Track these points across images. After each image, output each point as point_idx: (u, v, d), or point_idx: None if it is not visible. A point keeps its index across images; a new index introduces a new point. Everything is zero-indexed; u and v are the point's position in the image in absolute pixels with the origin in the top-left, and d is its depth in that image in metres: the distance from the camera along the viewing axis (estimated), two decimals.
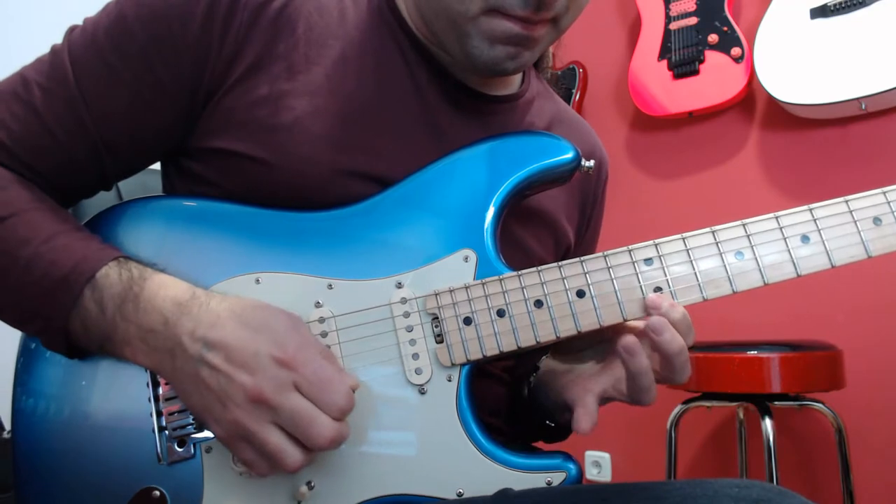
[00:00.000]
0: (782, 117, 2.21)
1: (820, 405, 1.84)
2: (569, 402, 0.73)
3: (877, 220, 0.70)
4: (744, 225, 0.70)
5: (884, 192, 0.70)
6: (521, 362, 0.89)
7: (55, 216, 0.71)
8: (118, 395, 0.71)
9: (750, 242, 0.70)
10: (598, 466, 2.57)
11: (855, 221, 0.70)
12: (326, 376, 0.63)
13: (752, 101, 2.29)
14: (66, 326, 0.67)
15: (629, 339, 0.67)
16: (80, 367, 0.72)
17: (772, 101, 2.11)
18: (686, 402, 1.92)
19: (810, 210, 0.70)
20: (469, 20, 0.71)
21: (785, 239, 0.70)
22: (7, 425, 0.74)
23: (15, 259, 0.67)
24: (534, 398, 0.83)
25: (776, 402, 1.79)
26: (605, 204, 1.01)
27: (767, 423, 1.72)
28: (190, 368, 0.63)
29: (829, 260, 0.69)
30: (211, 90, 0.73)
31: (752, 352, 1.70)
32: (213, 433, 0.64)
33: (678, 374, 0.69)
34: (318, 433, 0.61)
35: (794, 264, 0.69)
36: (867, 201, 0.70)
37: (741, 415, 2.17)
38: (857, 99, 1.93)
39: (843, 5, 1.97)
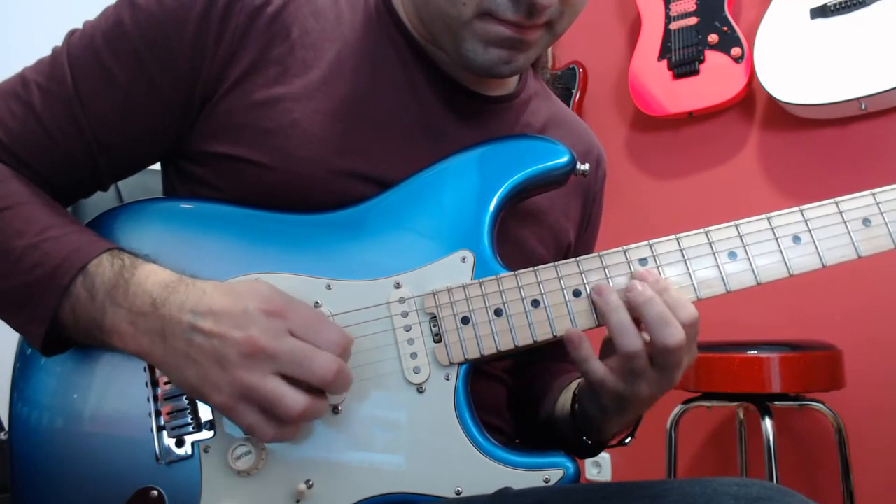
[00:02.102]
0: (782, 117, 2.21)
1: (820, 405, 1.85)
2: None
3: (866, 221, 0.71)
4: (736, 226, 0.71)
5: (873, 194, 0.71)
6: (539, 377, 0.89)
7: (51, 210, 0.71)
8: (117, 395, 0.71)
9: (742, 243, 0.71)
10: (598, 466, 2.57)
11: (845, 222, 0.71)
12: (318, 319, 0.64)
13: (752, 101, 2.29)
14: (54, 316, 0.67)
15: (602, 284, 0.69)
16: (78, 367, 0.72)
17: (772, 101, 2.11)
18: (686, 402, 1.92)
19: (801, 211, 0.71)
20: (463, 24, 0.71)
21: (777, 239, 0.71)
22: (5, 426, 0.74)
23: (9, 250, 0.68)
24: (583, 409, 0.82)
25: (776, 402, 1.79)
26: (605, 202, 1.02)
27: (767, 423, 1.73)
28: (182, 342, 0.63)
29: (821, 260, 0.70)
30: (206, 94, 0.74)
31: (752, 352, 1.70)
32: (214, 403, 0.63)
33: (656, 330, 0.66)
34: (321, 366, 0.61)
35: (786, 264, 0.70)
36: (857, 203, 0.71)
37: (741, 415, 2.17)
38: (857, 99, 1.93)
39: (843, 5, 1.97)
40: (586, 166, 0.78)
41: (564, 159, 0.76)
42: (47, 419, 0.71)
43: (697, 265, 0.71)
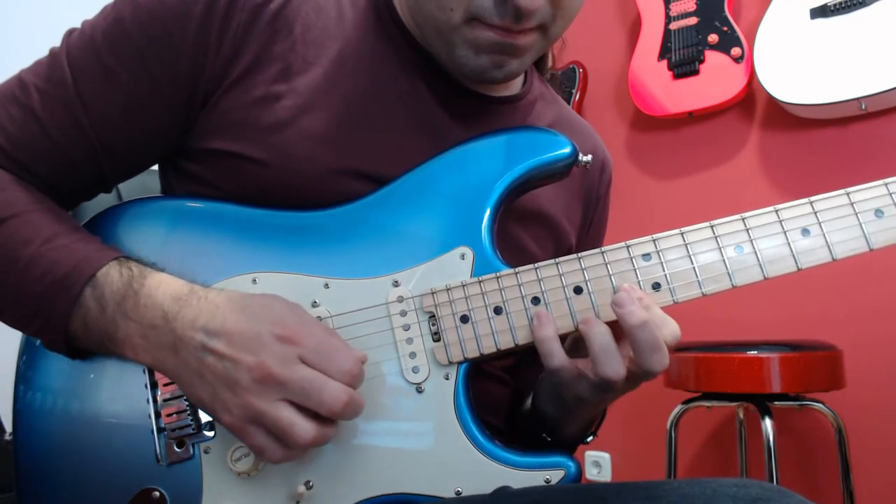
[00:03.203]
0: (782, 117, 2.21)
1: (820, 405, 1.84)
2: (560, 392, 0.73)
3: (878, 213, 0.69)
4: (743, 219, 0.70)
5: (885, 184, 0.69)
6: (524, 375, 0.89)
7: (55, 217, 0.71)
8: (118, 397, 0.71)
9: (749, 236, 0.69)
10: (598, 466, 2.57)
11: (856, 214, 0.69)
12: (331, 345, 0.63)
13: (752, 101, 2.29)
14: (66, 325, 0.67)
15: (590, 315, 0.67)
16: (80, 367, 0.72)
17: (772, 101, 2.11)
18: (686, 402, 1.92)
19: (811, 203, 0.69)
20: (453, 29, 0.71)
21: (785, 232, 0.69)
22: (7, 427, 0.74)
23: (16, 259, 0.67)
24: (536, 406, 0.83)
25: (776, 402, 1.79)
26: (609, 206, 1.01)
27: (767, 423, 1.72)
28: (193, 360, 0.63)
29: (831, 253, 0.68)
30: (208, 91, 0.73)
31: (752, 352, 1.70)
32: (223, 422, 0.63)
33: (644, 355, 0.65)
34: (330, 397, 0.61)
35: (794, 258, 0.68)
36: (869, 193, 0.69)
37: (741, 415, 2.17)
38: (857, 99, 1.93)
39: (843, 5, 1.97)
40: (589, 157, 0.76)
41: (566, 150, 0.75)
42: (51, 415, 0.71)
43: (702, 260, 0.69)
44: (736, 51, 2.20)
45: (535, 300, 0.70)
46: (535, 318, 0.68)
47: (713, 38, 2.24)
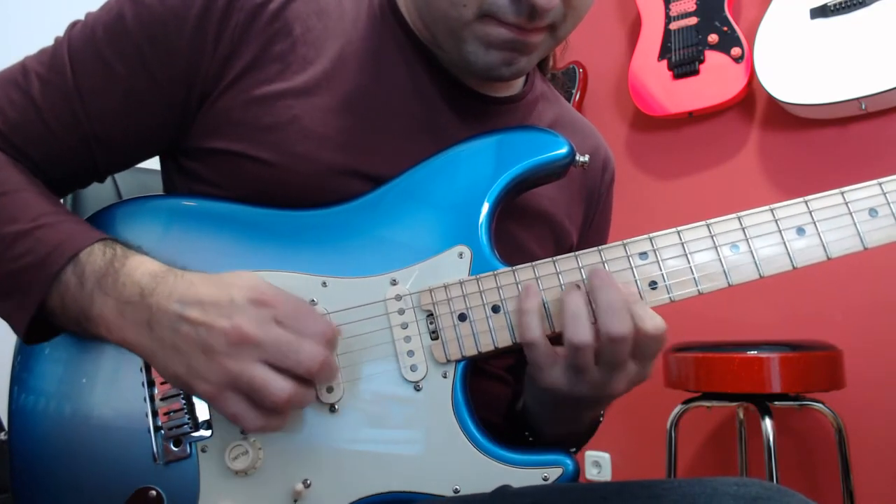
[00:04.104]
0: (782, 117, 2.21)
1: (820, 405, 1.84)
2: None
3: (872, 212, 0.69)
4: (739, 218, 0.70)
5: (880, 184, 0.70)
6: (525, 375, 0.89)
7: (46, 198, 0.71)
8: (114, 395, 0.71)
9: (745, 235, 0.70)
10: (598, 466, 2.57)
11: (851, 213, 0.69)
12: (305, 309, 0.64)
13: (752, 101, 2.29)
14: (42, 301, 0.67)
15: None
16: (77, 365, 0.72)
17: (772, 101, 2.11)
18: (686, 402, 1.92)
19: (805, 202, 0.70)
20: (464, 25, 0.71)
21: (780, 231, 0.69)
22: (5, 426, 0.74)
23: (1, 237, 0.68)
24: (524, 404, 0.83)
25: (776, 402, 1.79)
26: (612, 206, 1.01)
27: (767, 423, 1.72)
28: (168, 332, 0.63)
29: (825, 252, 0.69)
30: (206, 90, 0.74)
31: (752, 352, 1.70)
32: (199, 392, 0.63)
33: (603, 315, 0.65)
34: (306, 356, 0.61)
35: (789, 257, 0.69)
36: (863, 193, 0.70)
37: (741, 415, 2.17)
38: (857, 99, 1.93)
39: (843, 5, 1.97)
40: (586, 157, 0.77)
41: (563, 150, 0.75)
42: (48, 415, 0.71)
43: (699, 259, 0.69)
44: (736, 51, 2.20)
45: None
46: (522, 290, 0.68)
47: (713, 38, 2.24)
